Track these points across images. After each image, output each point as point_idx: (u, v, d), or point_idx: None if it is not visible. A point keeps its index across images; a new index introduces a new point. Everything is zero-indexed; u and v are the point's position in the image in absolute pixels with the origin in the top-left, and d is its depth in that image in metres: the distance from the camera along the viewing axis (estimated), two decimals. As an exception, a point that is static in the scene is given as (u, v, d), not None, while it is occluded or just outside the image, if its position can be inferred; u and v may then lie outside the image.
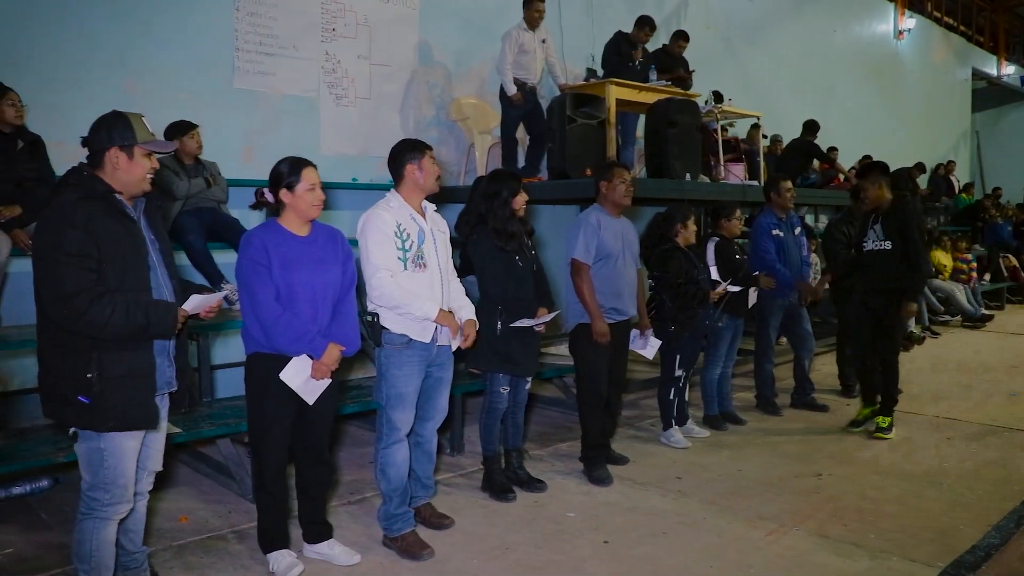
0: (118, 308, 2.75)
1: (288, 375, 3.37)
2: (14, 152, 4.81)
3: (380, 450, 3.88)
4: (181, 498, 4.51)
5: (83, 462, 2.94)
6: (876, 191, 5.77)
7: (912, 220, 5.64)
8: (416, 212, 3.86)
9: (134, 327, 2.81)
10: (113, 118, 2.92)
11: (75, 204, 2.76)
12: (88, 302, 2.71)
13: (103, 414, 2.81)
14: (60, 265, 2.71)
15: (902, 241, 5.59)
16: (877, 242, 5.73)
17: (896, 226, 5.62)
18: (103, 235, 2.78)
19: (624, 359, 5.13)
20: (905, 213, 5.66)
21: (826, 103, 13.27)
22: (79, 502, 2.97)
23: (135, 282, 2.88)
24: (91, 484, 2.93)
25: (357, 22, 7.21)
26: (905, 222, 5.61)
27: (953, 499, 4.55)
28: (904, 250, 5.60)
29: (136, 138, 2.89)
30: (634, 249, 5.01)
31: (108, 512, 2.95)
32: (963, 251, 12.37)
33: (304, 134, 6.79)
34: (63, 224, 2.73)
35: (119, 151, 2.87)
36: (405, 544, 3.81)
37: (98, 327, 2.74)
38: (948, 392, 7.32)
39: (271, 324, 3.30)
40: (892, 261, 5.63)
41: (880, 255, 5.71)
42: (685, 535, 4.04)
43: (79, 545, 2.97)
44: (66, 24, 5.49)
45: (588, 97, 7.23)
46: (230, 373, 5.69)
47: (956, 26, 18.94)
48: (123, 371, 2.84)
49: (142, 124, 2.94)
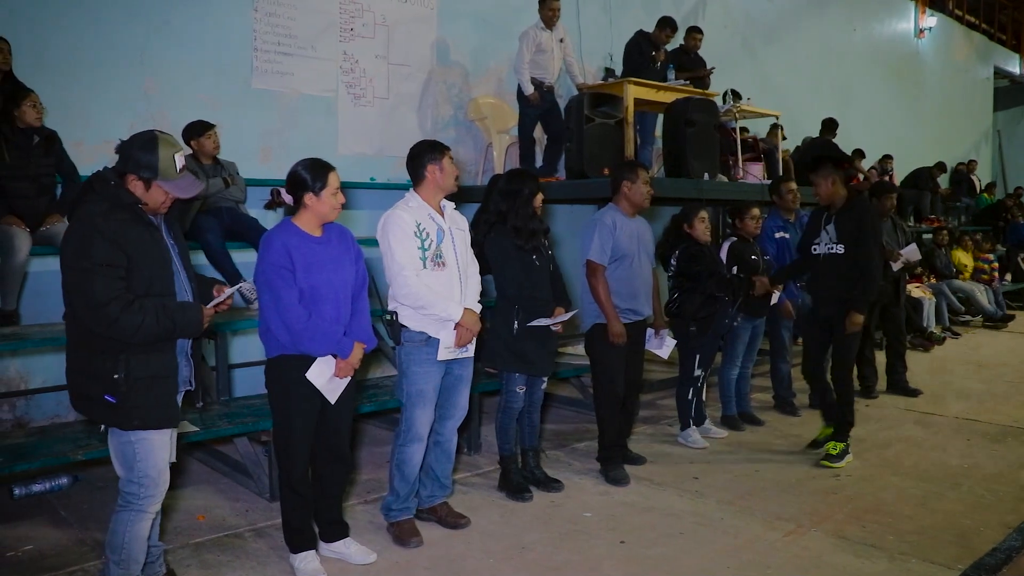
0: (148, 314, 2.84)
1: (313, 374, 3.40)
2: (30, 148, 4.85)
3: (398, 446, 3.93)
4: (198, 496, 4.53)
5: (116, 457, 3.02)
6: (828, 187, 5.16)
7: (867, 220, 5.05)
8: (435, 211, 3.90)
9: (163, 330, 2.90)
10: (145, 141, 2.94)
11: (104, 215, 2.84)
12: (120, 309, 2.79)
13: (128, 413, 2.90)
14: (91, 274, 2.79)
15: (854, 244, 5.03)
16: (829, 244, 5.14)
17: (849, 227, 5.06)
18: (131, 244, 2.86)
19: (641, 359, 5.11)
20: (860, 213, 5.08)
21: (845, 102, 13.17)
22: (117, 495, 3.05)
23: (161, 287, 2.96)
24: (126, 479, 3.01)
25: (375, 22, 7.22)
26: (859, 223, 5.04)
27: (973, 501, 4.50)
28: (855, 254, 5.03)
29: (157, 175, 2.92)
30: (650, 249, 5.00)
31: (144, 504, 3.02)
32: (984, 251, 12.27)
33: (322, 134, 6.81)
34: (92, 234, 2.81)
35: (136, 180, 2.92)
36: (399, 531, 3.90)
37: (130, 333, 2.82)
38: (968, 393, 7.26)
39: (300, 329, 3.32)
40: (845, 266, 5.05)
41: (832, 260, 5.12)
42: (702, 535, 4.02)
43: (112, 535, 3.04)
44: (86, 25, 5.53)
45: (606, 96, 7.21)
46: (247, 372, 5.71)
47: (978, 24, 18.73)
48: (148, 373, 2.93)
49: (170, 159, 2.95)
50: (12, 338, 4.37)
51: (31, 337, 4.33)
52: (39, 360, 5.15)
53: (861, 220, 5.03)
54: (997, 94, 19.51)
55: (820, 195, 5.19)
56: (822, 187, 5.15)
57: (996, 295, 11.83)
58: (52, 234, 4.80)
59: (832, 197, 5.15)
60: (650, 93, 7.59)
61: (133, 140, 2.96)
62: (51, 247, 4.82)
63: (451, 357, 3.93)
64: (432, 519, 4.11)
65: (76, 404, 3.06)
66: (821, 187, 5.15)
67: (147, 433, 2.96)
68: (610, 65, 8.86)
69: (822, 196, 5.18)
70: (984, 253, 12.20)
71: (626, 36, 8.36)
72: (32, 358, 5.14)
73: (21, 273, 4.72)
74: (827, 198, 5.17)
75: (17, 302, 4.78)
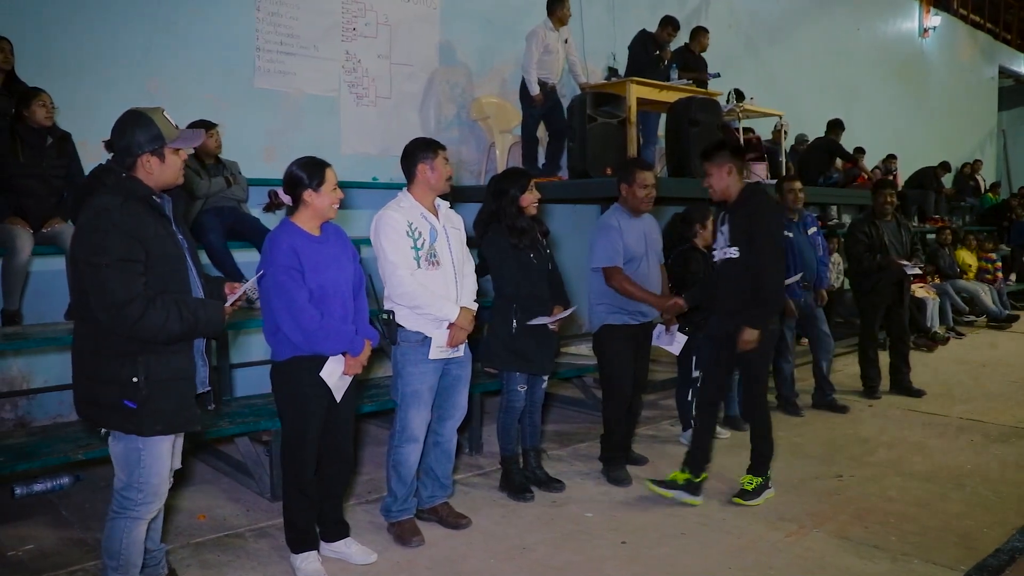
0: (171, 312, 2.73)
1: (327, 373, 3.40)
2: (43, 148, 4.87)
3: (393, 447, 3.92)
4: (199, 496, 4.53)
5: (119, 461, 2.91)
6: (723, 178, 4.36)
7: (760, 216, 4.26)
8: (427, 211, 3.88)
9: (187, 328, 2.79)
10: (135, 118, 2.85)
11: (119, 208, 2.72)
12: (143, 308, 2.67)
13: (148, 418, 2.79)
14: (109, 271, 2.66)
15: (748, 247, 4.28)
16: (724, 248, 4.40)
17: (743, 225, 4.30)
18: (149, 238, 2.76)
19: (647, 360, 5.09)
20: (753, 207, 4.29)
21: (850, 102, 13.15)
22: (111, 500, 2.96)
23: (177, 283, 2.87)
24: (126, 483, 2.91)
25: (378, 22, 7.22)
26: (750, 218, 4.26)
27: (977, 501, 4.49)
28: (747, 259, 4.27)
29: (164, 139, 2.85)
30: (658, 248, 4.96)
31: (140, 511, 2.94)
32: (988, 251, 12.24)
33: (325, 134, 6.81)
34: (108, 229, 2.69)
35: (150, 156, 2.83)
36: (400, 531, 3.90)
37: (154, 332, 2.71)
38: (972, 393, 7.23)
39: (315, 329, 3.30)
40: (740, 272, 4.30)
41: (728, 266, 4.37)
42: (704, 536, 4.01)
43: (108, 542, 2.96)
44: (91, 25, 5.54)
45: (609, 96, 7.20)
46: (248, 372, 5.72)
47: (983, 23, 18.69)
48: (168, 374, 2.83)
49: (165, 120, 2.88)
50: (14, 338, 4.37)
51: (33, 337, 4.33)
52: (41, 360, 5.16)
53: (752, 216, 4.26)
54: (1002, 94, 19.46)
55: (713, 188, 4.41)
56: (715, 178, 4.37)
57: (1000, 295, 11.81)
58: (54, 234, 4.81)
59: (727, 191, 4.39)
60: (653, 93, 7.58)
61: (123, 127, 2.85)
62: (53, 247, 4.84)
63: (442, 356, 3.91)
64: (433, 519, 4.11)
65: (83, 411, 2.92)
66: (714, 178, 4.38)
67: (158, 439, 2.88)
68: (613, 64, 8.85)
69: (715, 190, 4.41)
70: (988, 253, 12.18)
71: (629, 35, 8.36)
72: (34, 358, 5.15)
73: (24, 273, 4.73)
74: (721, 192, 4.40)
75: (20, 302, 4.78)
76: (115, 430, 2.87)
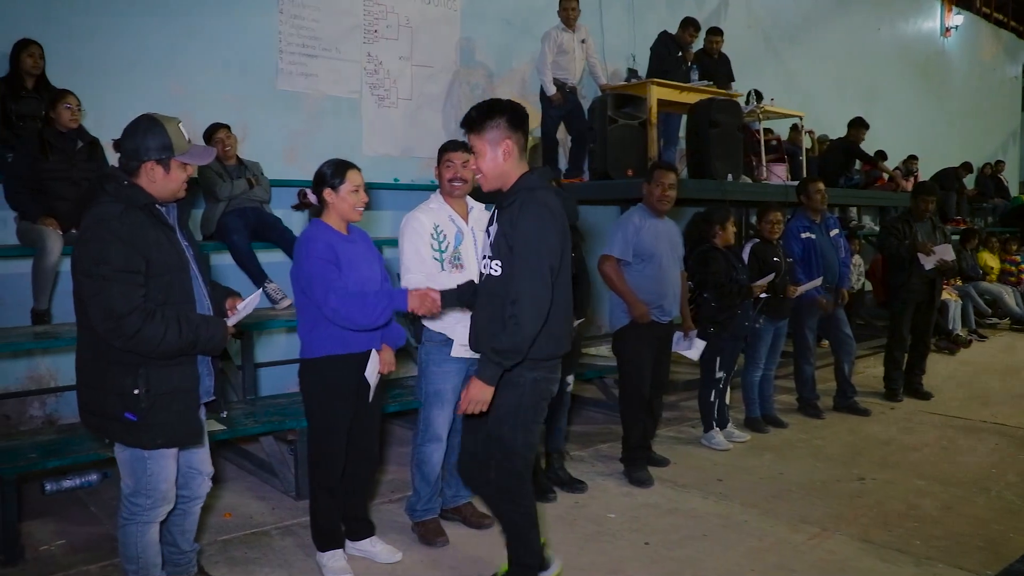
0: (171, 326, 2.67)
1: (370, 373, 3.45)
2: (73, 152, 4.93)
3: (416, 446, 3.96)
4: (225, 494, 4.58)
5: (125, 469, 2.89)
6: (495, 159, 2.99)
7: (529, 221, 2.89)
8: (456, 213, 3.89)
9: (185, 344, 2.74)
10: (147, 125, 2.79)
11: (119, 217, 2.66)
12: (141, 321, 2.61)
13: (151, 431, 2.75)
14: (108, 282, 2.61)
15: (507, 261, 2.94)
16: (485, 259, 3.11)
17: (506, 232, 2.96)
18: (150, 248, 2.70)
19: (667, 361, 5.09)
20: (519, 207, 2.93)
21: (870, 102, 13.06)
22: (120, 506, 2.95)
23: (180, 294, 2.81)
24: (133, 490, 2.89)
25: (399, 23, 7.26)
26: (514, 223, 2.91)
27: (1003, 506, 4.46)
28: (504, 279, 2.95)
29: (173, 150, 2.79)
30: (679, 250, 4.96)
31: (150, 516, 2.93)
32: (1011, 252, 12.13)
33: (346, 135, 6.86)
34: (108, 238, 2.63)
35: (155, 164, 2.77)
36: (424, 530, 3.93)
37: (151, 346, 2.66)
38: (996, 397, 7.18)
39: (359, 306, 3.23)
40: (497, 296, 2.98)
41: (486, 284, 3.09)
42: (726, 537, 4.01)
43: (125, 548, 2.96)
44: (117, 28, 5.62)
45: (629, 97, 7.22)
46: (272, 371, 5.76)
47: (1006, 22, 18.51)
48: (170, 387, 2.78)
49: (178, 131, 2.82)
50: (44, 336, 4.43)
51: (62, 336, 4.38)
52: (69, 358, 5.13)
53: (518, 220, 2.91)
54: (1026, 93, 19.28)
55: (483, 173, 3.04)
56: (486, 159, 3.01)
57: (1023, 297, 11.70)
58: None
59: (503, 178, 3.02)
60: (673, 94, 7.59)
61: (134, 130, 2.79)
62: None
63: (466, 355, 3.88)
64: (457, 519, 4.13)
65: (86, 420, 2.88)
66: (485, 159, 3.01)
67: (165, 449, 2.86)
68: (633, 66, 8.85)
69: (485, 176, 3.04)
70: (1011, 255, 12.07)
71: (649, 36, 8.36)
72: (62, 356, 5.20)
73: (53, 273, 4.79)
74: (494, 179, 3.03)
75: (49, 301, 4.85)
76: (119, 442, 2.84)
